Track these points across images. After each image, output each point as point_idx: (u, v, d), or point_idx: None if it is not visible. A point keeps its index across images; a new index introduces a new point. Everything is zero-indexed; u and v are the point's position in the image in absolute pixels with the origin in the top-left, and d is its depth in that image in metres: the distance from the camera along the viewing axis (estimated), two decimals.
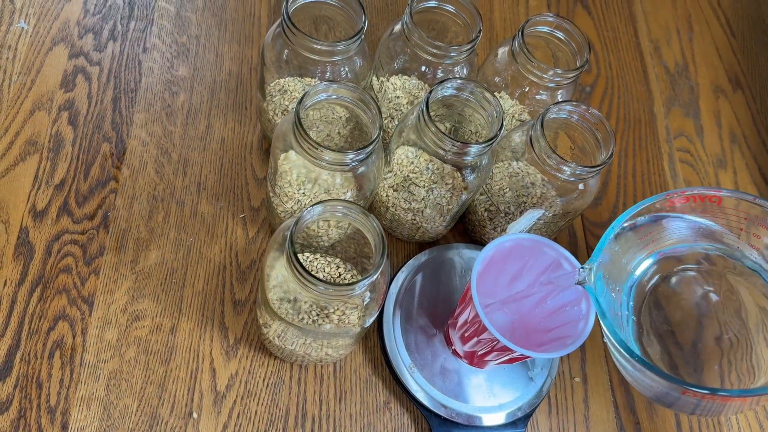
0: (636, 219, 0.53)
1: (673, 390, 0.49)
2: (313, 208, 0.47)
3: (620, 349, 0.48)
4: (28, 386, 0.54)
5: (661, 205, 0.53)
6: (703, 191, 0.53)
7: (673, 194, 0.53)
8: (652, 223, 0.55)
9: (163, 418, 0.55)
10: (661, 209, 0.54)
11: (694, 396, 0.47)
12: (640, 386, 0.53)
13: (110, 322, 0.58)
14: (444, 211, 0.60)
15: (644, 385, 0.52)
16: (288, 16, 0.54)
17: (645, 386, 0.52)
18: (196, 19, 0.75)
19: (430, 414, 0.57)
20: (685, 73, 0.86)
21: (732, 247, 0.56)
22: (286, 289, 0.50)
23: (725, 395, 0.46)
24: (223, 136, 0.69)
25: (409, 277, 0.62)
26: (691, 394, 0.47)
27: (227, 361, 0.58)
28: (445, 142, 0.53)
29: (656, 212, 0.54)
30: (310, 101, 0.51)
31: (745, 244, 0.55)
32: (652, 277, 0.59)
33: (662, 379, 0.47)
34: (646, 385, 0.52)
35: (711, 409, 0.50)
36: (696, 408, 0.50)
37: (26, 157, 0.64)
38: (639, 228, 0.55)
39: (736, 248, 0.56)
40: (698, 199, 0.53)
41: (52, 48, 0.70)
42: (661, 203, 0.53)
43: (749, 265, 0.56)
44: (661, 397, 0.51)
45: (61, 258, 0.59)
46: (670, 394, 0.50)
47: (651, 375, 0.48)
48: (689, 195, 0.53)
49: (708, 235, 0.56)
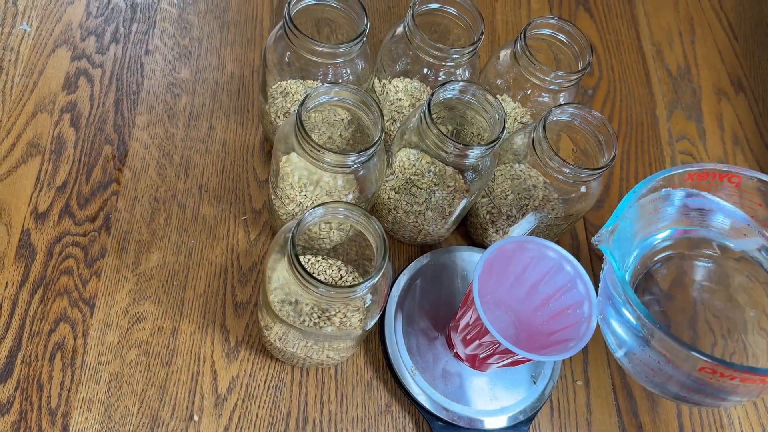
0: (653, 190, 0.53)
1: (689, 366, 0.47)
2: (314, 210, 0.47)
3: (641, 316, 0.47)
4: (29, 388, 0.54)
5: (679, 179, 0.53)
6: (724, 168, 0.52)
7: (693, 168, 0.52)
8: (664, 198, 0.55)
9: (164, 421, 0.55)
10: (678, 183, 0.53)
11: (711, 374, 0.46)
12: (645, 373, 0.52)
13: (111, 325, 0.58)
14: (446, 213, 0.60)
15: (650, 372, 0.51)
16: (290, 18, 0.54)
17: (651, 372, 0.51)
18: (198, 21, 0.75)
19: (431, 417, 0.57)
20: (687, 75, 0.86)
21: (740, 233, 0.55)
22: (288, 292, 0.50)
23: (748, 372, 0.44)
24: (224, 139, 0.69)
25: (411, 280, 0.62)
26: (709, 371, 0.46)
27: (228, 363, 0.58)
28: (447, 145, 0.53)
29: (673, 186, 0.54)
30: (312, 103, 0.51)
31: (755, 230, 0.55)
32: (653, 255, 0.58)
33: (684, 348, 0.46)
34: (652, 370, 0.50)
35: (717, 395, 0.50)
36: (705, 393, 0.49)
37: (28, 159, 0.64)
38: (651, 201, 0.54)
39: (742, 235, 0.55)
40: (717, 177, 0.53)
41: (54, 50, 0.70)
42: (679, 177, 0.53)
43: (752, 255, 0.56)
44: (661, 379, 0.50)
45: (63, 260, 0.59)
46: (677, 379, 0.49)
47: (671, 345, 0.46)
48: (709, 170, 0.52)
49: (716, 219, 0.56)
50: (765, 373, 0.45)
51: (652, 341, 0.49)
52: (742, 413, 0.64)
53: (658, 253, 0.60)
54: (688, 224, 0.59)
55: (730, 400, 0.51)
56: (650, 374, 0.53)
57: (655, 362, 0.50)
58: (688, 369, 0.48)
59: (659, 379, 0.52)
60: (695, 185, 0.55)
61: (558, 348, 0.50)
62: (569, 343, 0.49)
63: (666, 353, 0.49)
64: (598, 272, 0.69)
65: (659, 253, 0.60)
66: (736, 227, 0.57)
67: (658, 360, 0.50)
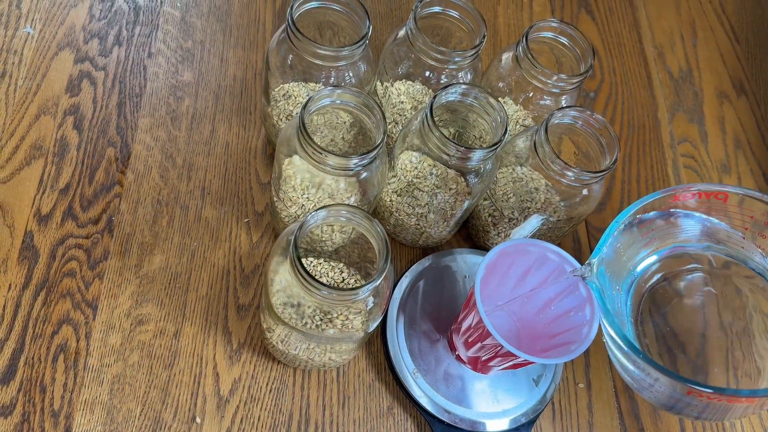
0: (640, 215, 0.52)
1: (678, 391, 0.48)
2: (317, 213, 0.47)
3: (624, 348, 0.47)
4: (31, 390, 0.54)
5: (665, 202, 0.53)
6: (710, 187, 0.52)
7: (678, 190, 0.52)
8: (655, 220, 0.54)
9: (167, 423, 0.55)
10: (665, 206, 0.53)
11: (699, 397, 0.47)
12: (643, 390, 0.52)
13: (114, 327, 0.58)
14: (447, 216, 0.60)
15: (647, 389, 0.51)
16: (293, 21, 0.54)
17: (648, 389, 0.51)
18: (201, 24, 0.76)
19: (433, 419, 0.57)
20: (689, 78, 0.86)
21: (736, 247, 0.55)
22: (290, 294, 0.50)
23: (732, 395, 0.46)
24: (227, 141, 0.69)
25: (413, 282, 0.62)
26: (696, 395, 0.46)
27: (231, 365, 0.58)
28: (449, 147, 0.53)
29: (660, 209, 0.53)
30: (315, 106, 0.51)
31: (750, 243, 0.54)
32: (652, 276, 0.58)
33: (667, 377, 0.46)
34: (649, 388, 0.51)
35: (716, 412, 0.50)
36: (702, 412, 0.50)
37: (31, 161, 0.64)
38: (642, 224, 0.54)
39: (740, 248, 0.55)
40: (704, 196, 0.53)
41: (57, 53, 0.70)
42: (666, 199, 0.52)
43: (753, 267, 0.55)
44: (664, 400, 0.51)
45: (66, 262, 0.60)
46: (674, 396, 0.49)
47: (656, 374, 0.47)
48: (695, 191, 0.52)
49: (712, 235, 0.56)
50: (750, 396, 0.45)
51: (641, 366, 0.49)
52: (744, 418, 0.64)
53: (653, 275, 0.60)
54: (682, 241, 0.59)
55: (732, 416, 0.51)
56: (649, 392, 0.52)
57: (650, 381, 0.50)
58: (679, 390, 0.48)
59: (655, 397, 0.52)
60: (682, 206, 0.54)
61: (560, 351, 0.50)
62: (571, 346, 0.49)
63: (657, 378, 0.49)
64: None
65: (655, 274, 0.60)
66: (730, 241, 0.57)
67: (653, 382, 0.50)
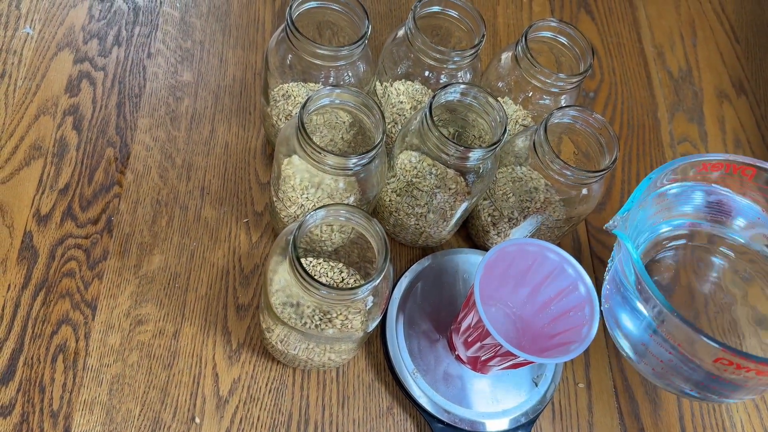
0: (667, 178, 0.52)
1: (706, 352, 0.46)
2: (316, 212, 0.47)
3: (659, 304, 0.46)
4: (30, 390, 0.54)
5: (693, 169, 0.52)
6: (739, 159, 0.51)
7: (708, 159, 0.51)
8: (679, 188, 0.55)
9: (166, 423, 0.55)
10: (692, 174, 0.53)
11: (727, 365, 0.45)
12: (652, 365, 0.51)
13: (113, 327, 0.58)
14: (447, 216, 0.60)
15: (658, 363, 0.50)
16: (292, 21, 0.54)
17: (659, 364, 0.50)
18: (200, 24, 0.76)
19: (433, 419, 0.57)
20: (688, 78, 0.86)
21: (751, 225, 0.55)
22: (289, 294, 0.50)
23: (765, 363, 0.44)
24: (226, 141, 0.69)
25: (412, 282, 0.62)
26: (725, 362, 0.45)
27: (230, 365, 0.58)
28: (448, 147, 0.53)
29: (687, 175, 0.53)
30: (314, 106, 0.51)
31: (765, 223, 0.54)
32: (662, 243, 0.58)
33: (703, 338, 0.45)
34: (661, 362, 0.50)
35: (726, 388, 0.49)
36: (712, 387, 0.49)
37: (31, 161, 0.64)
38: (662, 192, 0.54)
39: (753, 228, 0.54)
40: (731, 168, 0.52)
41: (57, 53, 0.70)
42: (693, 166, 0.52)
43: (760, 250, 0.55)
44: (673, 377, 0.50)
45: (65, 262, 0.60)
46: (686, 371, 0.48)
47: (688, 334, 0.46)
48: (724, 162, 0.51)
49: (731, 213, 0.55)
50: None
51: (664, 331, 0.48)
52: (744, 415, 0.64)
53: (666, 242, 0.59)
54: (701, 217, 0.58)
55: (734, 397, 0.51)
56: (657, 366, 0.52)
57: (666, 353, 0.49)
58: (700, 360, 0.47)
59: (667, 371, 0.51)
60: (708, 177, 0.54)
61: (560, 350, 0.50)
62: (571, 346, 0.49)
63: (680, 343, 0.48)
64: (600, 275, 0.69)
65: (669, 241, 0.59)
66: (749, 222, 0.57)
67: (670, 350, 0.49)
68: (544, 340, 0.54)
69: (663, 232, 0.60)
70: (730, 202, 0.56)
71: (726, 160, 0.53)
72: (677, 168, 0.53)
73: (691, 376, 0.50)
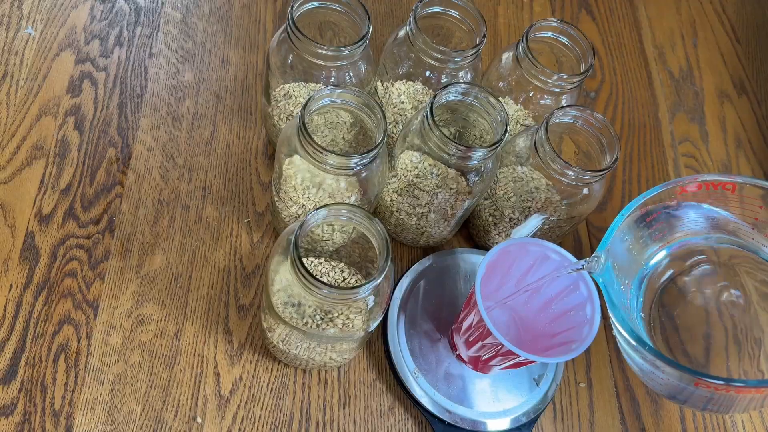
0: (647, 207, 0.51)
1: (686, 382, 0.47)
2: (317, 212, 0.47)
3: (630, 341, 0.47)
4: (32, 390, 0.54)
5: (672, 193, 0.51)
6: (717, 178, 0.51)
7: (685, 181, 0.50)
8: (663, 213, 0.53)
9: (167, 422, 0.55)
10: (672, 197, 0.52)
11: (707, 388, 0.46)
12: (651, 381, 0.52)
13: (115, 326, 0.58)
14: (448, 215, 0.60)
15: (656, 380, 0.51)
16: (293, 21, 0.54)
17: (657, 381, 0.51)
18: (201, 25, 0.76)
19: (434, 419, 0.57)
20: (689, 78, 0.86)
21: (746, 238, 0.54)
22: (291, 293, 0.50)
23: (740, 386, 0.45)
24: (228, 141, 0.69)
25: (414, 282, 0.62)
26: (704, 386, 0.46)
27: (231, 365, 0.58)
28: (449, 147, 0.53)
29: (667, 200, 0.52)
30: (315, 106, 0.51)
31: (759, 234, 0.54)
32: (664, 271, 0.57)
33: (675, 370, 0.46)
34: (657, 380, 0.50)
35: (722, 404, 0.49)
36: (708, 403, 0.49)
37: (32, 161, 0.64)
38: (649, 218, 0.53)
39: (750, 240, 0.54)
40: (711, 187, 0.51)
41: (58, 54, 0.70)
42: (672, 190, 0.51)
43: (764, 257, 0.55)
44: (673, 392, 0.50)
45: (67, 262, 0.60)
46: (681, 387, 0.49)
47: (663, 366, 0.47)
48: (702, 182, 0.51)
49: (721, 227, 0.54)
50: (758, 386, 0.45)
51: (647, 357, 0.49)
52: (745, 416, 0.64)
53: (665, 271, 0.59)
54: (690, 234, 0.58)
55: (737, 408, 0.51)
56: (657, 383, 0.52)
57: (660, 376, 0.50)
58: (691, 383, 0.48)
59: (664, 388, 0.51)
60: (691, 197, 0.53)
61: (560, 350, 0.50)
62: (572, 345, 0.49)
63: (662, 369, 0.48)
64: None
65: (666, 269, 0.59)
66: (740, 232, 0.57)
67: (659, 374, 0.49)
68: (545, 340, 0.54)
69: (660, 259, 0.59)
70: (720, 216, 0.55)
71: (705, 181, 0.51)
72: (654, 197, 0.51)
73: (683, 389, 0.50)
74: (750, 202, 0.53)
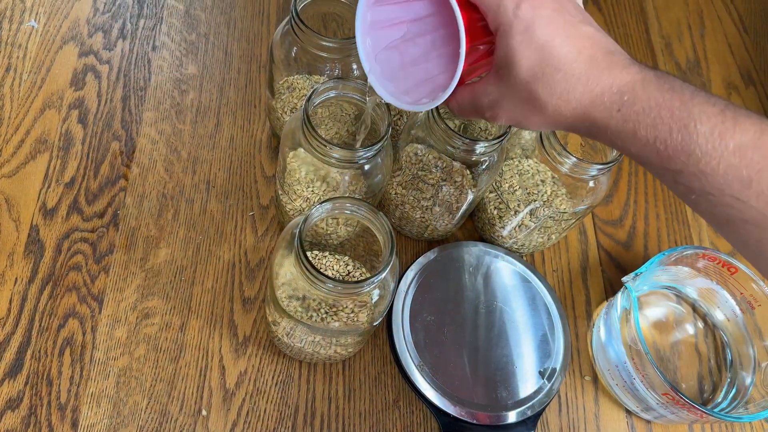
0: (666, 262, 0.61)
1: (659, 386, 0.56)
2: (321, 206, 0.47)
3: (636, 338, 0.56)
4: (38, 383, 0.54)
5: (691, 258, 0.61)
6: (728, 259, 0.60)
7: (703, 252, 0.60)
8: (674, 265, 0.63)
9: (173, 416, 0.55)
10: (688, 262, 0.62)
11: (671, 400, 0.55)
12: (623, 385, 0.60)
13: (120, 320, 0.58)
14: (453, 208, 0.60)
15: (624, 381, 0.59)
16: (296, 13, 0.54)
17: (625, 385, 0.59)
18: (205, 17, 0.75)
19: (439, 412, 0.57)
20: (696, 69, 0.85)
21: (725, 316, 0.64)
22: (295, 287, 0.50)
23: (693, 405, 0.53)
24: (232, 134, 0.69)
25: (418, 275, 0.61)
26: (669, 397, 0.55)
27: (236, 358, 0.58)
28: (454, 140, 0.52)
29: (683, 263, 0.62)
30: (319, 99, 0.51)
31: (739, 316, 0.62)
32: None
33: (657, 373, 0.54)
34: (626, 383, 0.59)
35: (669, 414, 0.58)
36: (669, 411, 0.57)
37: (36, 155, 0.64)
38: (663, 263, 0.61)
39: (728, 319, 0.63)
40: (719, 262, 0.61)
41: (62, 47, 0.70)
42: (692, 256, 0.61)
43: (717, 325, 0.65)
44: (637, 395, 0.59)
45: (71, 256, 0.60)
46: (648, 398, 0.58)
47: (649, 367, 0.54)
48: (715, 257, 0.60)
49: (708, 298, 0.65)
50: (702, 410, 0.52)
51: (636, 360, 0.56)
52: None
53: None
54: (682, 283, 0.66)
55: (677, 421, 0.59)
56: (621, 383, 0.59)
57: (632, 378, 0.57)
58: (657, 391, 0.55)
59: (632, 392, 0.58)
60: (703, 268, 0.62)
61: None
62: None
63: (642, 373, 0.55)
64: (607, 267, 0.68)
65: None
66: (722, 311, 0.64)
67: (634, 377, 0.56)
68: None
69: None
70: (713, 290, 0.64)
71: (717, 257, 0.60)
72: (675, 254, 0.60)
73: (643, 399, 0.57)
74: (743, 288, 0.61)
